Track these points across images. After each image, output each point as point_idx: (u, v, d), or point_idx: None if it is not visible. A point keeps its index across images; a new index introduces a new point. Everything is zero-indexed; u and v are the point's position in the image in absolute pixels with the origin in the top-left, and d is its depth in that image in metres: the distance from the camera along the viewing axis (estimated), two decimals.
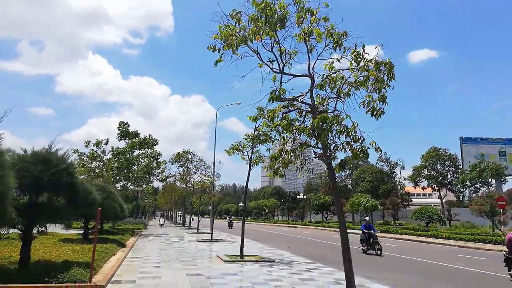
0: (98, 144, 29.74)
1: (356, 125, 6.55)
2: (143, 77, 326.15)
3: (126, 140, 30.94)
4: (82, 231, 20.10)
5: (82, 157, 28.74)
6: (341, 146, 6.83)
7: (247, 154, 15.44)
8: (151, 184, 39.75)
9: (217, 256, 15.46)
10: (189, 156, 40.13)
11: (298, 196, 72.90)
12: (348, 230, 21.88)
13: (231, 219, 50.68)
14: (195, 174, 38.91)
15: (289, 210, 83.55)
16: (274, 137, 7.31)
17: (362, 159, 7.62)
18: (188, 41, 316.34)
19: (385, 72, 6.12)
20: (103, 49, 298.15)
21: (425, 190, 70.57)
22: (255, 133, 15.31)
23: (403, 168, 73.83)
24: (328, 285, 9.79)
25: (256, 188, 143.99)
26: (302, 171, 7.62)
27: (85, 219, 17.75)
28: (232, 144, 15.40)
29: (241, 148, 15.27)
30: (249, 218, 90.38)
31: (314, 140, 7.31)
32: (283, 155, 7.37)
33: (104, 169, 28.74)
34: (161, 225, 46.81)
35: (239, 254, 14.83)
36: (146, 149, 31.68)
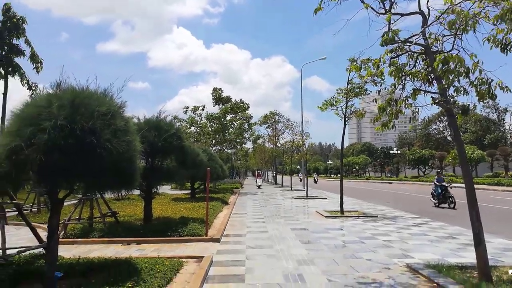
0: (195, 110, 31.64)
1: (478, 64, 5.75)
2: (224, 44, 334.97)
3: (220, 106, 32.32)
4: (189, 191, 21.90)
5: (182, 122, 30.90)
6: (462, 89, 6.13)
7: (341, 109, 14.90)
8: (244, 145, 41.40)
9: (316, 212, 15.62)
10: (276, 117, 40.70)
11: (391, 151, 69.59)
12: (452, 184, 20.28)
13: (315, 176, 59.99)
14: (283, 134, 39.52)
15: (382, 166, 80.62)
16: (381, 85, 6.79)
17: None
18: (265, 2, 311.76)
19: None
20: (185, 21, 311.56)
21: None
22: (348, 87, 14.64)
23: None
24: (443, 240, 9.26)
25: (343, 146, 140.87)
26: (414, 121, 7.09)
27: (191, 180, 19.23)
28: (325, 100, 14.97)
29: (334, 103, 14.77)
30: (338, 175, 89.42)
31: (428, 85, 6.69)
32: (392, 105, 6.91)
33: (202, 134, 30.56)
34: (259, 187, 38.71)
35: (339, 210, 14.76)
36: (238, 113, 32.80)
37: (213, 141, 32.16)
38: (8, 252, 6.14)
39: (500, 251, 7.90)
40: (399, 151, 67.83)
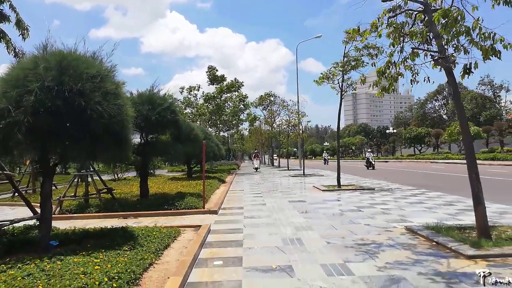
0: (191, 90, 31.30)
1: (479, 21, 5.57)
2: (218, 28, 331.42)
3: (215, 85, 32.00)
4: (185, 172, 21.85)
5: (177, 103, 30.66)
6: (462, 48, 5.98)
7: (338, 83, 14.70)
8: (240, 128, 41.06)
9: (313, 186, 15.61)
10: (272, 98, 40.49)
11: (387, 131, 69.68)
12: (448, 161, 20.02)
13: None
14: (279, 116, 39.40)
15: (378, 146, 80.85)
16: (381, 49, 6.50)
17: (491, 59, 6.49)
18: None
19: None
20: (179, 6, 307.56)
21: None
22: (345, 60, 14.41)
23: (508, 91, 65.59)
24: (441, 207, 9.25)
25: (339, 127, 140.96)
26: (415, 83, 6.93)
27: (187, 160, 19.13)
28: (321, 73, 14.75)
29: (331, 77, 14.55)
30: (335, 156, 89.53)
31: (426, 45, 6.54)
32: (391, 68, 6.76)
33: (198, 115, 30.32)
34: (257, 169, 32.92)
35: (336, 184, 14.74)
36: (233, 92, 32.51)
37: (209, 122, 32.00)
38: (1, 224, 6.03)
39: (498, 214, 7.89)
40: (395, 131, 67.90)
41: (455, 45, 6.05)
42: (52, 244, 5.46)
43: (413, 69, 6.76)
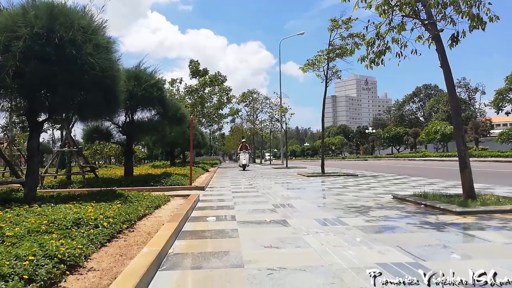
0: (172, 82, 30.92)
1: None
2: (200, 30, 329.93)
3: (198, 78, 31.73)
4: (168, 161, 21.61)
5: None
6: (450, 18, 6.14)
7: (323, 70, 14.85)
8: (221, 124, 40.68)
9: (298, 174, 15.71)
10: (255, 95, 40.58)
11: (367, 131, 70.76)
12: (425, 158, 20.40)
13: None
14: (261, 112, 39.49)
15: (357, 146, 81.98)
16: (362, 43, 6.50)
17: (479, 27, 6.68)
18: None
19: None
20: (160, 7, 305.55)
21: (509, 115, 64.41)
22: (330, 48, 14.56)
23: (483, 93, 67.88)
24: (424, 185, 9.45)
25: (319, 130, 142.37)
26: (402, 57, 7.04)
27: (170, 149, 18.93)
28: (307, 60, 14.84)
29: (316, 63, 14.66)
30: (316, 156, 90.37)
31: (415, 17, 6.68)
32: (380, 40, 6.87)
33: None
34: (245, 167, 22.26)
35: (320, 171, 14.87)
36: (216, 86, 32.33)
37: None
38: None
39: (480, 189, 8.10)
40: (374, 131, 69.05)
41: (442, 13, 6.20)
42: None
43: (400, 41, 6.88)
